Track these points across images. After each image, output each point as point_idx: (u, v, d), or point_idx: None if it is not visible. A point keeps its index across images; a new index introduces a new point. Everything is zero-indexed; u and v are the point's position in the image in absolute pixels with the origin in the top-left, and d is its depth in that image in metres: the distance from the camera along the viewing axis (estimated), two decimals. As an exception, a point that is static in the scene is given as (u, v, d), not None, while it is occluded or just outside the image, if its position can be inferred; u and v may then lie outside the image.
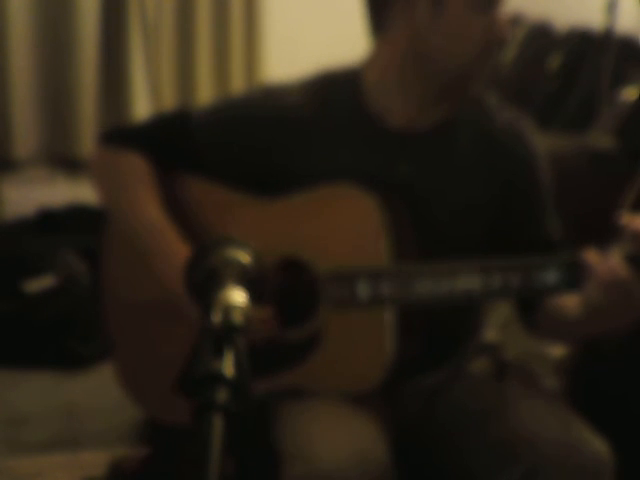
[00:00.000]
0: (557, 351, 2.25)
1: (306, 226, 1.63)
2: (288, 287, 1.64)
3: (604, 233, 1.49)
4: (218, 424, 0.89)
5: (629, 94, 3.07)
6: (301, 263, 1.62)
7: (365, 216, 1.58)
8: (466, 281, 1.51)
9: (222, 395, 0.90)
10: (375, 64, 1.66)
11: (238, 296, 1.00)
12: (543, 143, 1.75)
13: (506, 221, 1.69)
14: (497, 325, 1.96)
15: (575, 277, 1.48)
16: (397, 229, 1.59)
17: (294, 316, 1.63)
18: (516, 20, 3.88)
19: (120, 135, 1.76)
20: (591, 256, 1.45)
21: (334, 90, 1.68)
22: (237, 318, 0.97)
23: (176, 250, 1.62)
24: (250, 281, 1.05)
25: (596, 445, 1.54)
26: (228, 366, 0.92)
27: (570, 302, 1.59)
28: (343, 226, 1.60)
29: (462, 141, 1.67)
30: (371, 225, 1.58)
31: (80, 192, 3.68)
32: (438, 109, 1.66)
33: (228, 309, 0.98)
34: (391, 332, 1.57)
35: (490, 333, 1.83)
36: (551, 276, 1.49)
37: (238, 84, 4.36)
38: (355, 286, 1.56)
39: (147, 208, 1.67)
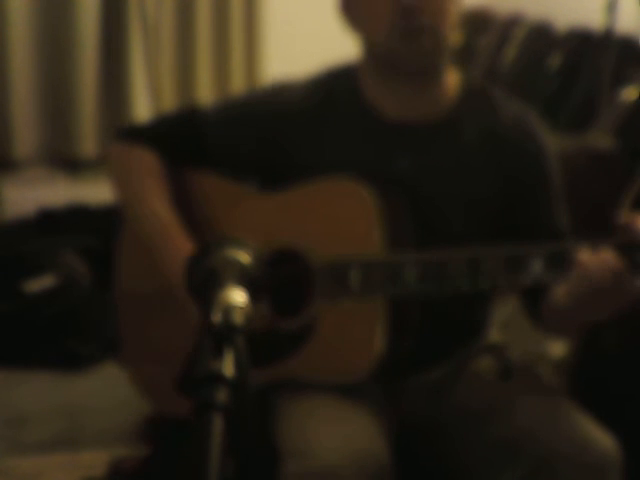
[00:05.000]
0: (558, 351, 2.25)
1: (303, 218, 1.66)
2: (283, 277, 1.66)
3: (603, 232, 1.49)
4: (218, 424, 0.89)
5: (629, 94, 3.07)
6: (296, 254, 1.64)
7: (360, 208, 1.60)
8: (454, 271, 1.52)
9: (222, 395, 0.90)
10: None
11: (238, 296, 1.00)
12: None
13: (514, 216, 1.69)
14: (499, 325, 1.96)
15: (561, 267, 1.48)
16: (394, 221, 1.61)
17: (289, 306, 1.64)
18: (516, 20, 3.88)
19: (134, 131, 1.81)
20: (583, 253, 1.46)
21: (336, 84, 1.72)
22: (237, 318, 0.97)
23: (179, 245, 1.66)
24: (250, 281, 1.05)
25: (603, 442, 1.54)
26: (228, 366, 0.93)
27: (558, 291, 1.59)
28: (339, 218, 1.63)
29: (467, 136, 1.67)
30: (366, 217, 1.60)
31: (80, 192, 3.68)
32: (422, 100, 1.67)
33: (228, 309, 0.98)
34: (382, 324, 1.58)
35: (491, 332, 1.82)
36: (537, 266, 1.50)
37: (238, 84, 4.36)
38: (347, 276, 1.58)
39: (154, 202, 1.72)
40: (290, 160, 1.69)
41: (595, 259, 1.43)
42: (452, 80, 1.69)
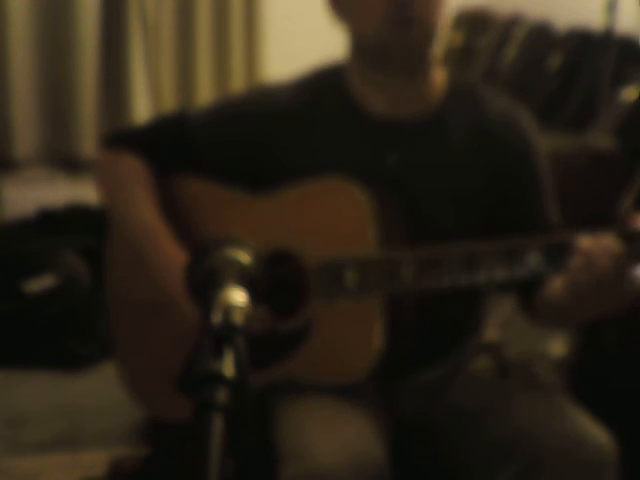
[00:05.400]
0: (558, 350, 2.25)
1: (296, 219, 1.65)
2: (278, 279, 1.66)
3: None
4: (218, 424, 0.89)
5: (629, 94, 3.07)
6: (290, 255, 1.63)
7: (354, 208, 1.60)
8: (451, 266, 1.52)
9: (222, 395, 0.90)
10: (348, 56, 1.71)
11: (238, 296, 1.00)
12: (543, 143, 1.74)
13: (504, 211, 1.69)
14: (497, 324, 1.96)
15: (559, 259, 1.48)
16: (387, 220, 1.60)
17: (285, 308, 1.64)
18: (516, 20, 3.88)
19: (120, 137, 1.79)
20: (583, 240, 1.45)
21: (322, 83, 1.72)
22: (237, 318, 0.97)
23: (170, 254, 1.66)
24: (250, 281, 1.05)
25: (599, 438, 1.54)
26: (228, 366, 0.92)
27: (556, 286, 1.59)
28: (332, 218, 1.63)
29: (454, 133, 1.67)
30: (359, 217, 1.59)
31: (80, 192, 3.68)
32: (410, 96, 1.67)
33: (228, 309, 0.98)
34: (380, 324, 1.58)
35: (490, 332, 1.83)
36: (535, 258, 1.49)
37: (238, 84, 4.36)
38: (343, 275, 1.58)
39: (143, 210, 1.71)
40: (279, 161, 1.69)
41: (596, 245, 1.42)
42: (439, 77, 1.69)
